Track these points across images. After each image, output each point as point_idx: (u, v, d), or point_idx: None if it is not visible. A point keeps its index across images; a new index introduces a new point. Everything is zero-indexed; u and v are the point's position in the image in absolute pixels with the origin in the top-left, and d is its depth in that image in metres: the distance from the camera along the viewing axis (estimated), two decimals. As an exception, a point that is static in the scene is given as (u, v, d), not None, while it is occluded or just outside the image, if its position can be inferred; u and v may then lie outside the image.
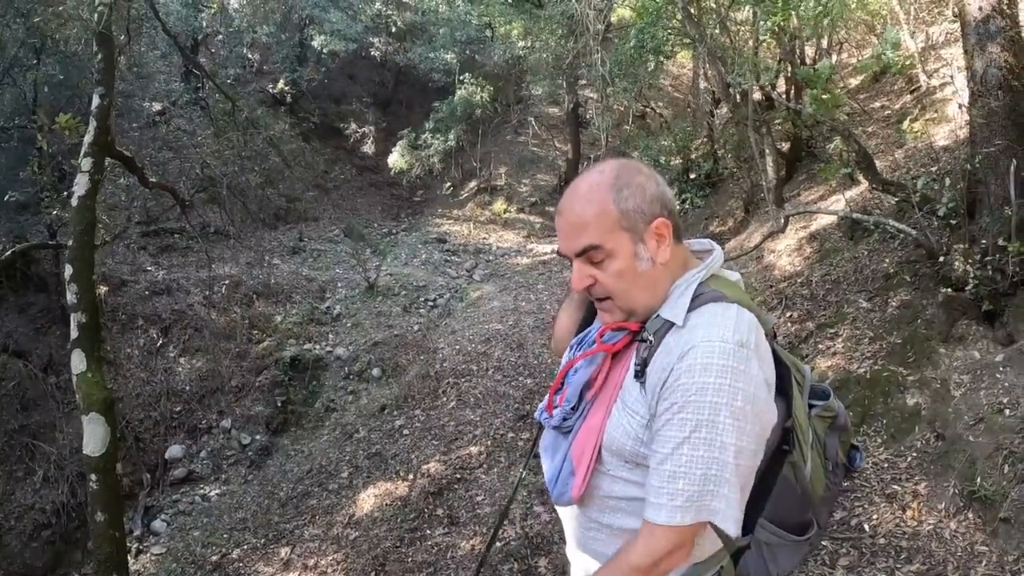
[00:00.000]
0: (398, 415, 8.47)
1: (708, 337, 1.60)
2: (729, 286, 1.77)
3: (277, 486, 8.01)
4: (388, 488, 6.76)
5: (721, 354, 1.57)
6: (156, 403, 10.50)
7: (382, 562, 5.43)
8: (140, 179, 7.21)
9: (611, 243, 1.70)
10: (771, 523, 1.80)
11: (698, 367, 1.58)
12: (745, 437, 1.59)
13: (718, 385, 1.56)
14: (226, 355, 11.15)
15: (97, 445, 3.54)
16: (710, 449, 1.57)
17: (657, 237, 1.72)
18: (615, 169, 1.75)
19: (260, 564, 6.41)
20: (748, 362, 1.59)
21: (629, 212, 1.70)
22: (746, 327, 1.64)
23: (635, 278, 1.72)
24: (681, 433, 1.59)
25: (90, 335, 3.92)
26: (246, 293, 12.73)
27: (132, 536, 8.37)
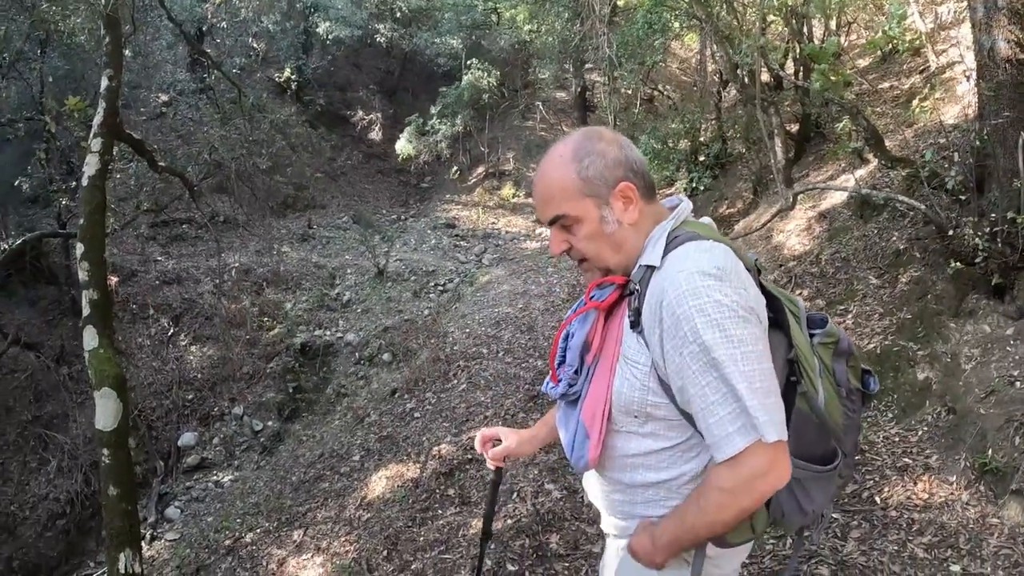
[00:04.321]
0: (409, 398, 8.48)
1: (682, 268, 1.65)
2: (701, 227, 1.83)
3: (289, 471, 8.04)
4: (399, 470, 6.78)
5: (702, 277, 1.61)
6: (168, 391, 10.58)
7: (394, 542, 5.45)
8: (149, 163, 7.22)
9: (576, 210, 1.80)
10: (795, 457, 1.77)
11: (680, 298, 1.62)
12: (754, 341, 1.61)
13: (702, 305, 1.59)
14: (237, 343, 11.22)
15: (109, 420, 3.56)
16: (725, 368, 1.59)
17: (623, 199, 1.79)
18: (576, 140, 1.84)
19: (273, 547, 6.43)
20: (723, 281, 1.62)
21: (591, 179, 1.78)
22: (720, 256, 1.69)
23: (604, 239, 1.81)
24: (696, 364, 1.61)
25: (101, 312, 3.95)
26: (256, 281, 12.79)
27: (146, 523, 8.44)
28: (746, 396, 1.58)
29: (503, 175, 19.94)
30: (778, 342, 1.79)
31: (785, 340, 1.81)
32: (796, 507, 1.84)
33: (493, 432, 2.46)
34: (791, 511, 1.84)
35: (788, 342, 1.81)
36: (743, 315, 1.61)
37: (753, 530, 1.79)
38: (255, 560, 6.40)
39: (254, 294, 12.38)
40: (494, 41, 20.97)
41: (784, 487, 1.76)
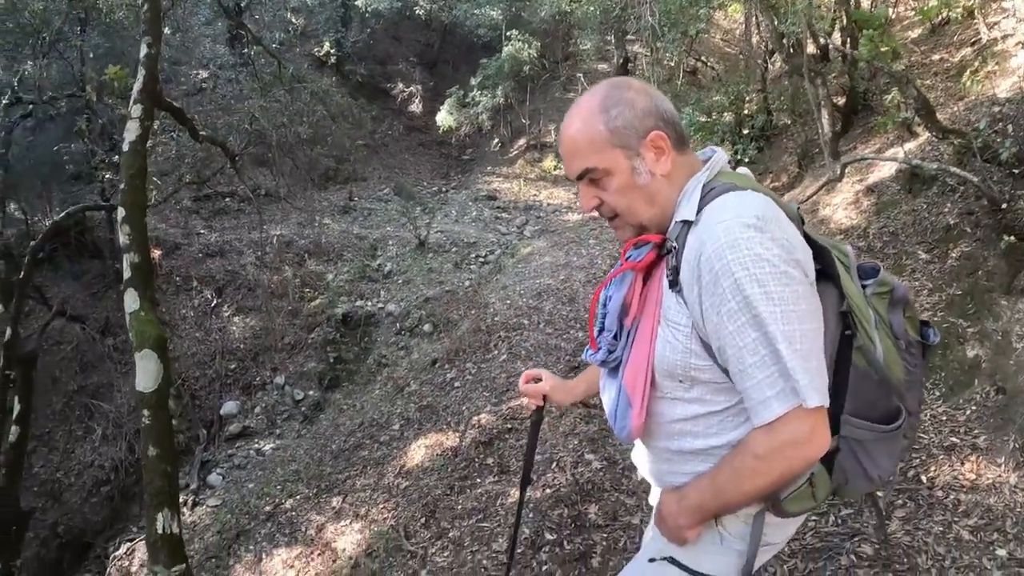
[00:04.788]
0: (449, 368, 8.47)
1: (720, 220, 1.58)
2: (738, 177, 1.75)
3: (329, 439, 8.09)
4: (439, 439, 6.78)
5: (741, 228, 1.55)
6: (211, 361, 10.70)
7: (432, 509, 5.46)
8: (190, 131, 7.24)
9: (605, 163, 1.73)
10: (855, 417, 1.73)
11: (718, 252, 1.55)
12: (796, 300, 1.54)
13: (742, 260, 1.53)
14: (279, 313, 11.29)
15: (149, 381, 3.58)
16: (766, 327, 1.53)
17: (655, 150, 1.72)
18: (603, 90, 1.76)
19: (312, 513, 6.49)
20: (765, 232, 1.54)
21: (619, 130, 1.71)
22: (761, 204, 1.61)
23: (635, 192, 1.75)
24: (735, 323, 1.56)
25: (142, 275, 3.96)
26: (297, 252, 12.85)
27: (189, 489, 8.56)
28: (787, 358, 1.52)
29: (544, 147, 19.81)
30: (829, 294, 1.71)
31: (836, 292, 1.73)
32: (860, 472, 1.77)
33: (536, 372, 2.44)
34: (855, 477, 1.77)
35: (839, 294, 1.73)
36: (785, 270, 1.53)
37: (814, 498, 1.73)
38: (294, 526, 6.46)
39: (296, 265, 12.44)
40: (534, 12, 20.76)
41: (846, 450, 1.73)
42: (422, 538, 5.17)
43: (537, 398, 2.40)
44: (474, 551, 4.69)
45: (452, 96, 20.54)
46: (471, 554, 4.67)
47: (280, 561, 6.06)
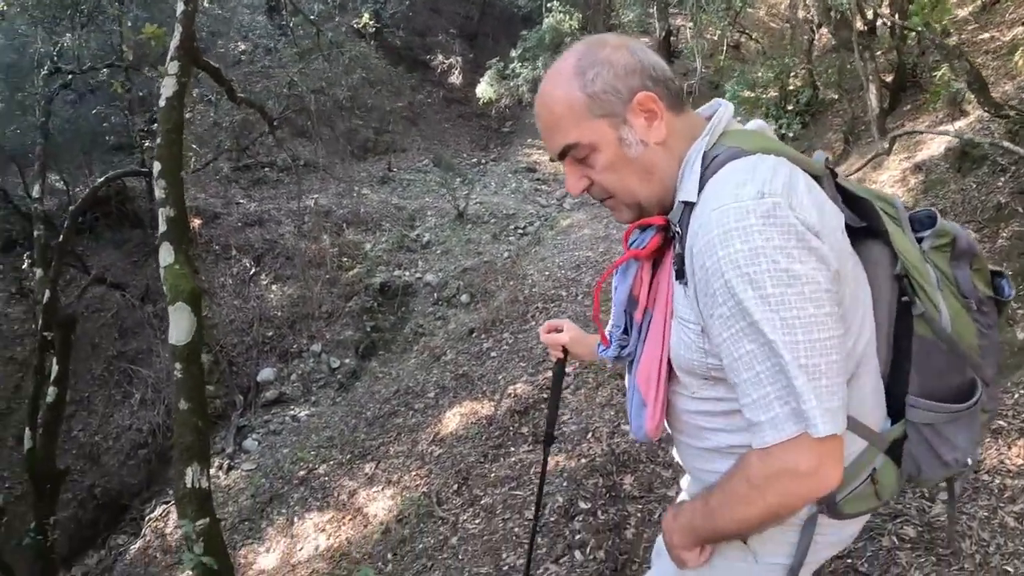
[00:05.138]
0: (486, 338, 8.39)
1: (719, 202, 1.31)
2: (747, 136, 1.46)
3: (364, 406, 8.06)
4: (474, 408, 6.71)
5: (737, 216, 1.27)
6: (249, 329, 10.73)
7: (465, 476, 5.38)
8: (228, 92, 7.17)
9: (588, 136, 1.46)
10: (923, 398, 1.49)
11: (709, 246, 1.29)
12: (806, 303, 1.25)
13: (745, 253, 1.25)
14: (316, 282, 11.29)
15: (183, 335, 3.52)
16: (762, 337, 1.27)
17: (645, 114, 1.44)
18: (577, 51, 1.49)
19: (345, 479, 6.46)
20: (769, 217, 1.25)
21: (598, 95, 1.44)
22: (767, 173, 1.31)
23: (627, 167, 1.47)
24: (729, 331, 1.31)
25: (178, 229, 3.91)
26: (336, 222, 12.83)
27: (225, 453, 8.62)
28: (792, 375, 1.26)
29: (585, 120, 19.56)
30: (878, 255, 1.49)
31: (887, 251, 1.49)
32: (934, 459, 1.52)
33: (557, 322, 2.21)
34: (929, 464, 1.53)
35: (891, 253, 1.49)
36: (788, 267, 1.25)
37: (878, 497, 1.52)
38: (327, 491, 6.44)
39: (334, 235, 12.42)
40: (576, -18, 20.50)
41: (915, 437, 1.51)
42: (454, 504, 5.11)
43: (557, 349, 2.21)
44: (506, 519, 4.60)
45: (492, 68, 20.33)
46: (503, 522, 4.58)
47: (312, 525, 6.03)
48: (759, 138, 1.45)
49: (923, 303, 1.48)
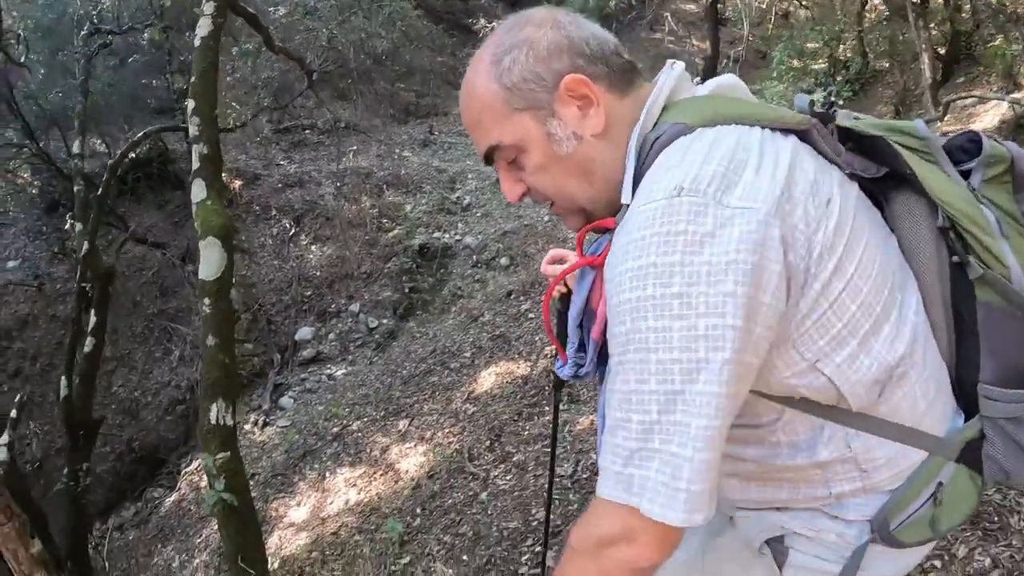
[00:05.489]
0: (524, 300, 8.28)
1: (635, 205, 1.07)
2: (695, 106, 1.18)
3: (400, 365, 7.99)
4: (509, 367, 6.60)
5: (641, 222, 1.02)
6: (288, 288, 10.71)
7: (498, 434, 5.29)
8: (265, 41, 7.05)
9: (511, 134, 1.21)
10: (998, 386, 1.21)
11: (619, 254, 1.05)
12: (694, 344, 0.98)
13: (633, 272, 1.01)
14: (356, 242, 11.22)
15: (212, 269, 3.44)
16: (619, 380, 1.04)
17: (578, 101, 1.19)
18: (496, 36, 1.25)
19: (378, 435, 6.39)
20: (690, 213, 0.99)
21: (517, 85, 1.19)
22: (699, 155, 1.05)
23: (561, 166, 1.22)
24: (612, 361, 1.08)
25: (211, 166, 3.81)
26: (376, 184, 12.73)
27: (261, 410, 8.62)
28: (633, 433, 1.02)
29: (630, 87, 19.26)
30: (913, 206, 1.23)
31: (922, 199, 1.21)
32: (1021, 458, 1.24)
33: (561, 252, 1.77)
34: (1016, 465, 1.24)
35: (928, 200, 1.20)
36: (680, 291, 0.98)
37: (932, 528, 1.25)
38: (359, 446, 6.38)
39: (374, 196, 12.32)
40: (623, -54, 20.04)
41: (993, 435, 1.23)
42: (485, 460, 5.01)
43: (560, 285, 1.72)
44: (537, 475, 4.51)
45: (536, 32, 19.97)
46: (534, 478, 4.48)
47: (343, 480, 5.98)
48: (711, 103, 1.18)
49: (985, 257, 1.17)
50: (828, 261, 1.05)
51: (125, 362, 10.18)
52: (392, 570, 4.00)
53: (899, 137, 1.22)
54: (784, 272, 1.02)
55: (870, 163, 1.24)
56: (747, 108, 1.16)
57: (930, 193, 1.17)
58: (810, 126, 1.16)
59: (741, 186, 1.01)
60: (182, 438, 9.15)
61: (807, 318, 1.07)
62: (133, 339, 10.47)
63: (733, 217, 0.98)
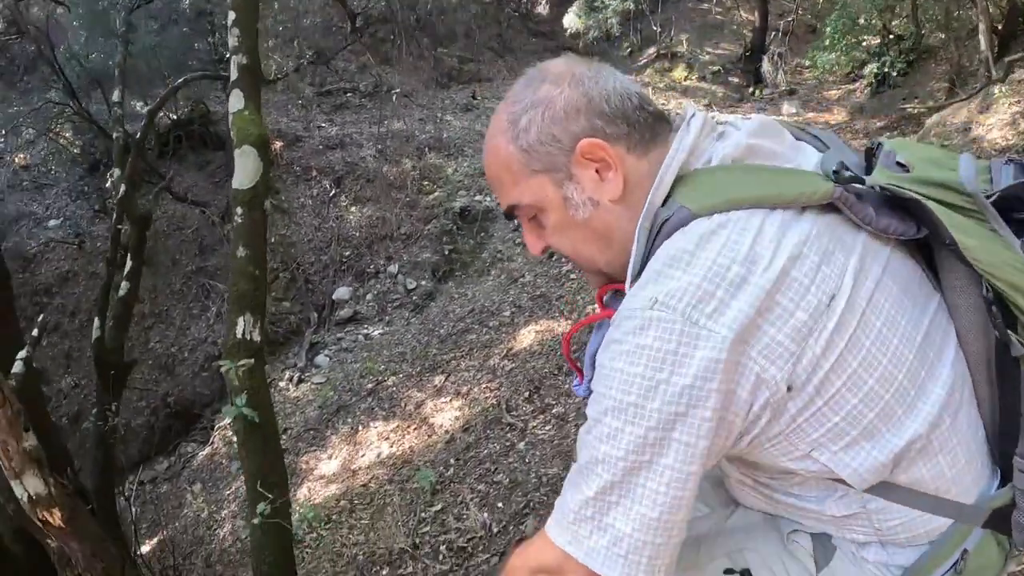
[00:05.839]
0: (566, 262, 8.09)
1: (623, 304, 1.05)
2: (701, 186, 1.10)
3: (438, 324, 7.85)
4: (550, 326, 6.42)
5: (622, 329, 1.02)
6: (327, 248, 10.63)
7: (537, 386, 5.10)
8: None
9: (529, 196, 1.18)
10: None
11: (604, 343, 1.06)
12: (641, 449, 1.00)
13: (605, 371, 1.03)
14: (396, 204, 11.10)
15: (247, 178, 3.26)
16: (594, 442, 1.04)
17: (596, 163, 1.14)
18: (514, 92, 1.20)
19: (413, 390, 6.25)
20: (658, 329, 0.98)
21: (534, 147, 1.15)
22: (682, 263, 1.01)
23: (577, 232, 1.19)
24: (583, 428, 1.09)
25: (249, 76, 3.64)
26: (418, 147, 12.59)
27: (296, 368, 8.54)
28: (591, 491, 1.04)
29: (675, 57, 18.84)
30: (957, 269, 1.12)
31: (967, 270, 1.09)
32: None
33: None
34: None
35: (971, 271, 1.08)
36: (635, 403, 0.99)
37: None
38: (394, 401, 6.25)
39: (416, 158, 12.18)
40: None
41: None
42: (524, 412, 4.84)
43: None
44: (578, 425, 4.27)
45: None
46: (575, 427, 4.25)
47: (376, 433, 5.86)
48: (724, 180, 1.10)
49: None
50: (823, 362, 1.01)
51: (163, 318, 10.20)
52: (422, 517, 3.83)
53: (941, 194, 1.09)
54: (753, 395, 1.01)
55: (911, 224, 1.12)
56: (762, 187, 1.07)
57: (973, 264, 1.06)
58: (833, 199, 1.07)
59: (715, 303, 0.98)
60: (217, 394, 9.13)
61: (799, 415, 1.05)
62: (171, 296, 10.48)
63: (698, 339, 0.97)
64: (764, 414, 1.03)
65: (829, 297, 1.01)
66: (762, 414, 1.03)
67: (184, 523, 6.59)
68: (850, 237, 1.07)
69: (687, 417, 0.98)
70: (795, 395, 1.02)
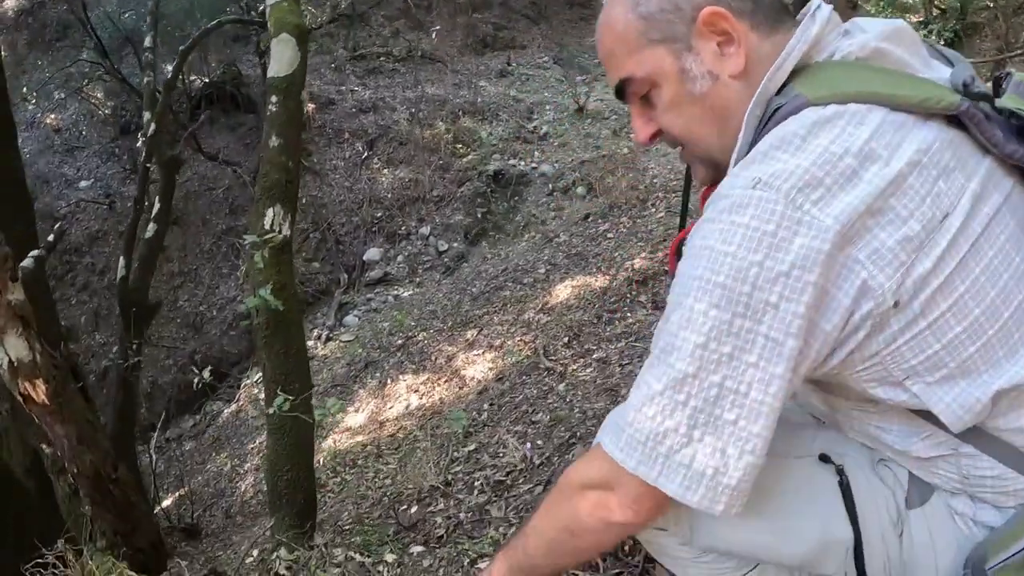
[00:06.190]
0: (602, 222, 7.84)
1: (722, 184, 1.00)
2: (823, 77, 1.02)
3: (470, 284, 7.64)
4: (586, 281, 6.16)
5: (719, 207, 0.96)
6: (358, 209, 10.50)
7: (576, 333, 4.83)
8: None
9: (644, 67, 1.12)
10: None
11: (696, 226, 1.00)
12: (723, 338, 0.93)
13: (695, 250, 0.97)
14: (428, 167, 10.91)
15: (284, 67, 3.07)
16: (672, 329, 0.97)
17: (717, 37, 1.07)
18: None
19: (444, 344, 6.03)
20: (758, 209, 0.91)
21: (654, 16, 1.09)
22: (792, 147, 0.93)
23: (693, 107, 1.11)
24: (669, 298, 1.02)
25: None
26: (451, 111, 12.38)
27: (324, 326, 8.38)
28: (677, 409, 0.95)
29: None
30: None
31: None
32: None
33: None
34: None
35: None
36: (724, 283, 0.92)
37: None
38: (424, 355, 6.05)
39: (449, 122, 11.97)
40: None
41: None
42: (563, 356, 4.57)
43: None
44: (623, 365, 4.02)
45: (621, -34, 19.31)
46: (620, 368, 4.00)
47: (404, 386, 5.66)
48: (846, 74, 1.02)
49: None
50: (932, 280, 0.94)
51: (192, 277, 10.15)
52: (454, 457, 3.59)
53: None
54: (856, 302, 0.94)
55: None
56: (885, 86, 0.99)
57: None
58: (959, 112, 0.98)
59: (822, 191, 0.91)
60: (244, 353, 9.04)
61: (900, 336, 0.97)
62: (201, 255, 10.42)
63: (800, 224, 0.91)
64: (863, 327, 0.96)
65: (943, 214, 0.94)
66: (861, 326, 0.95)
67: (206, 477, 6.43)
68: (974, 160, 1.00)
69: (778, 309, 0.91)
70: (900, 312, 0.95)
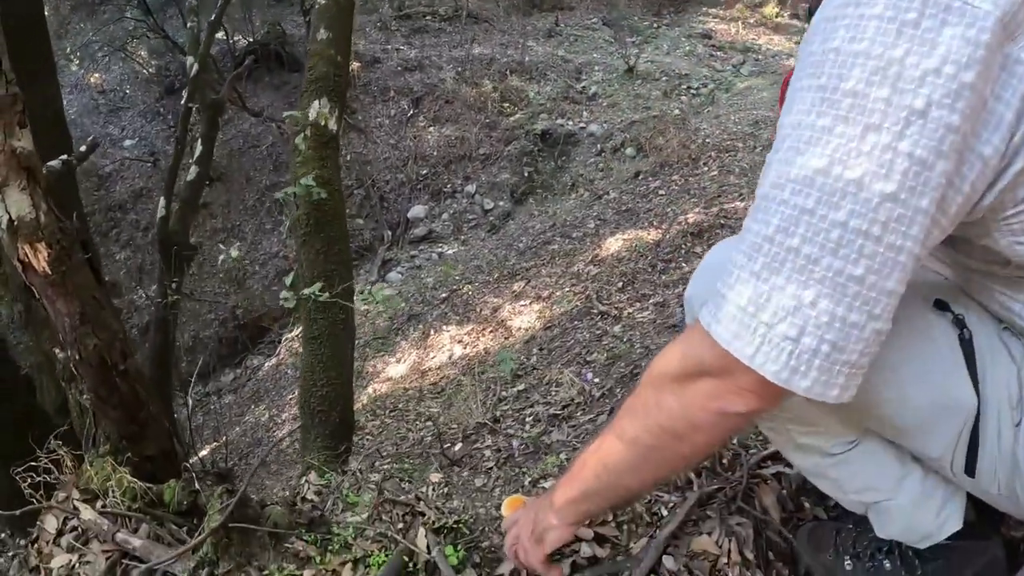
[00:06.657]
0: (653, 180, 7.59)
1: None
2: None
3: (516, 239, 7.44)
4: (638, 234, 5.92)
5: (839, 2, 0.75)
6: (403, 166, 10.34)
7: (631, 280, 4.62)
8: None
9: None
10: None
11: (808, 35, 0.80)
12: (854, 159, 0.72)
13: (818, 57, 0.75)
14: (475, 125, 10.69)
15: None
16: (775, 192, 0.78)
17: None
18: None
19: (490, 296, 5.84)
20: None
21: None
22: None
23: None
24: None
25: None
26: (499, 70, 12.14)
27: (367, 282, 8.23)
28: (759, 242, 0.78)
29: (767, -8, 18.04)
30: None
31: None
32: None
33: None
34: None
35: None
36: (867, 50, 0.71)
37: None
38: (468, 307, 5.87)
39: (496, 80, 11.73)
40: None
41: None
42: (618, 300, 4.33)
43: None
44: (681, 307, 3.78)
45: (673, -72, 18.84)
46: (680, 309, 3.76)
47: (448, 337, 5.47)
48: None
49: None
50: None
51: (235, 233, 10.07)
52: (502, 396, 3.39)
53: None
54: (1019, 117, 0.74)
55: None
56: None
57: None
58: None
59: None
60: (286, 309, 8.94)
61: None
62: (244, 211, 10.33)
63: (949, 11, 0.70)
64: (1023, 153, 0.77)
65: None
66: (1021, 151, 0.77)
67: (244, 428, 6.33)
68: None
69: (926, 119, 0.71)
70: None
